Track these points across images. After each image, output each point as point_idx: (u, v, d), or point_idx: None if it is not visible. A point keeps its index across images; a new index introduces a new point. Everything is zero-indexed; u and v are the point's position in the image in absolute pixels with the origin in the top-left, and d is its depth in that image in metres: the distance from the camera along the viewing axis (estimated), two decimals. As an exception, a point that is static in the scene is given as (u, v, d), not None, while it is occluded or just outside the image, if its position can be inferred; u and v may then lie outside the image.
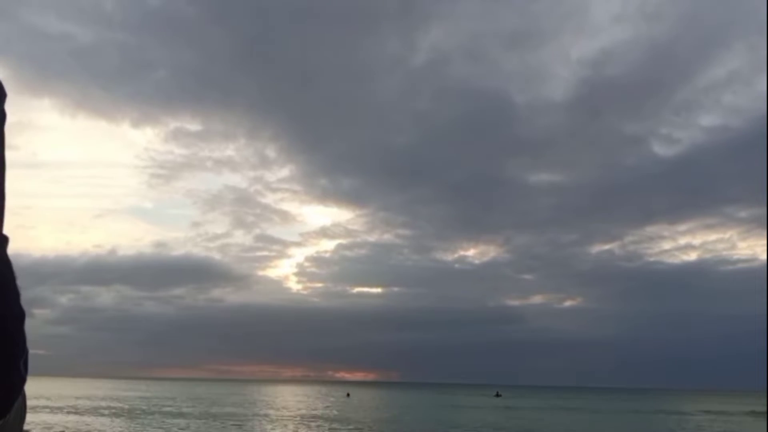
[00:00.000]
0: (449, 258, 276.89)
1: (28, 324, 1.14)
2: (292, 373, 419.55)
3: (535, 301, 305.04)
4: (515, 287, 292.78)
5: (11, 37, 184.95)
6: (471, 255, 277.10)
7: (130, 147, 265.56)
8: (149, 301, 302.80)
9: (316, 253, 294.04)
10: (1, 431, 1.14)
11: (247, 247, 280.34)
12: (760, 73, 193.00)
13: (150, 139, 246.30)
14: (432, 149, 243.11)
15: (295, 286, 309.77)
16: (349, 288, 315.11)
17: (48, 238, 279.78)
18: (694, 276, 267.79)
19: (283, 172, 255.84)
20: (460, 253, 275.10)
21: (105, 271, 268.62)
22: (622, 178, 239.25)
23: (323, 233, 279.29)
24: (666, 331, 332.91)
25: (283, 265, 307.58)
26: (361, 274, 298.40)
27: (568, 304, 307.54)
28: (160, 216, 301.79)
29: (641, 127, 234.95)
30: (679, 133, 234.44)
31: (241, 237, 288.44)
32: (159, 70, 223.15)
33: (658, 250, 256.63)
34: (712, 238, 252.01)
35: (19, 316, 1.12)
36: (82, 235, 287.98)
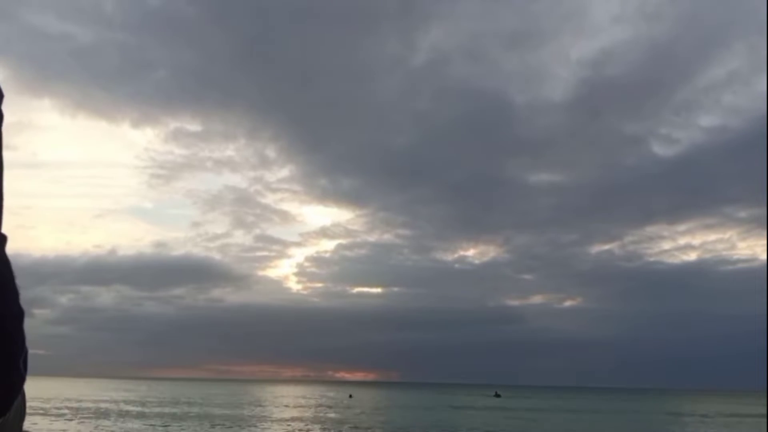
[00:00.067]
0: (449, 258, 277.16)
1: (28, 324, 1.15)
2: (292, 373, 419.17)
3: (535, 301, 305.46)
4: (515, 287, 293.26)
5: (11, 37, 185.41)
6: (471, 255, 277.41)
7: (130, 147, 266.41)
8: (149, 301, 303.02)
9: (316, 253, 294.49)
10: (1, 430, 1.15)
11: (247, 247, 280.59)
12: (760, 73, 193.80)
13: (150, 140, 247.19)
14: (432, 149, 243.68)
15: (295, 286, 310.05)
16: (349, 288, 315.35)
17: (48, 238, 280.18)
18: (693, 276, 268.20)
19: (283, 172, 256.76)
20: (460, 253, 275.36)
21: (105, 271, 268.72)
22: (622, 178, 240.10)
23: (323, 233, 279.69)
24: (666, 331, 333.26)
25: (283, 265, 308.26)
26: (361, 274, 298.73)
27: (568, 304, 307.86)
28: (160, 216, 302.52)
29: (641, 127, 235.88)
30: (679, 133, 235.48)
31: (241, 237, 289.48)
32: (159, 70, 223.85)
33: (657, 250, 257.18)
34: (711, 238, 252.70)
35: (18, 315, 1.13)
36: (82, 235, 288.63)
